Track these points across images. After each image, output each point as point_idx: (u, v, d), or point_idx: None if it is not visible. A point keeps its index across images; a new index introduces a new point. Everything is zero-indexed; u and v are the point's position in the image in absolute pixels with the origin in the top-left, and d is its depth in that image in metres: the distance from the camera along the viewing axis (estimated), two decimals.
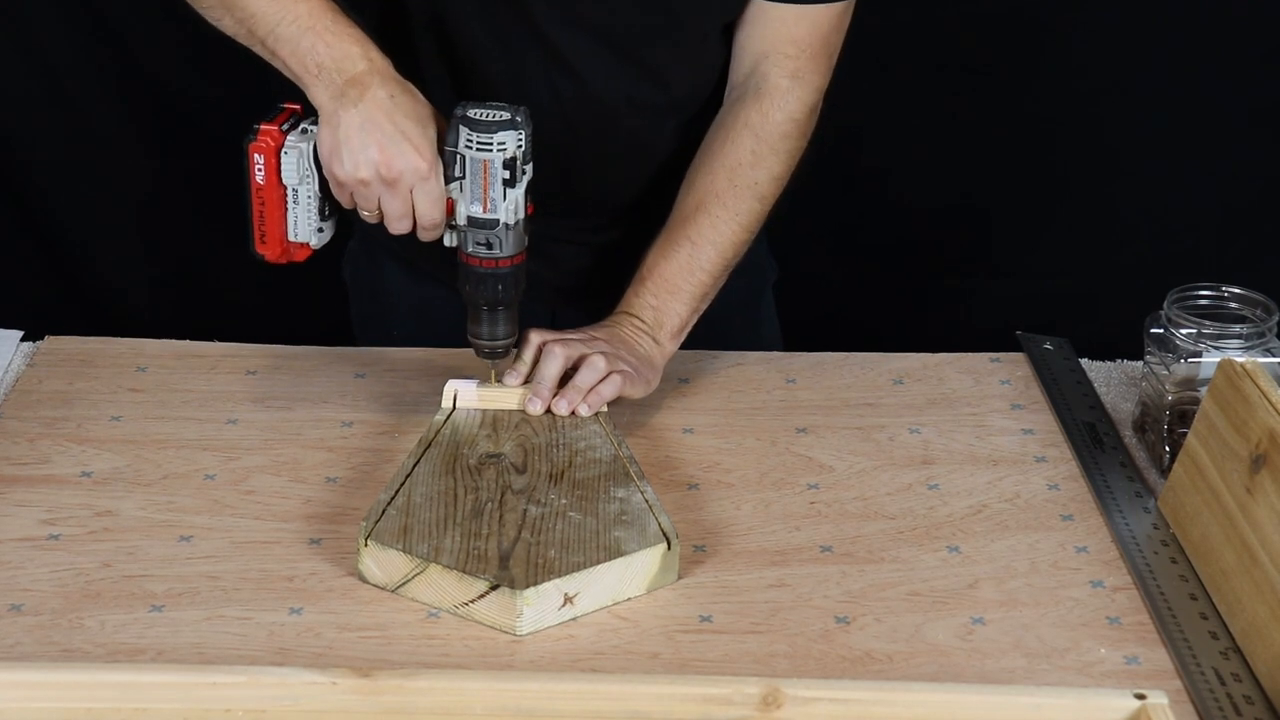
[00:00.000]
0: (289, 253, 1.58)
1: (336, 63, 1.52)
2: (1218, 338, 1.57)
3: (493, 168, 1.51)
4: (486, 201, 1.53)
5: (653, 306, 1.66)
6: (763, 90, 1.69)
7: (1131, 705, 1.17)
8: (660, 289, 1.66)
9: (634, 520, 1.43)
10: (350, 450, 1.61)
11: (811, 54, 1.68)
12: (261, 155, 1.54)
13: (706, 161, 1.69)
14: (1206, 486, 1.44)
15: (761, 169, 1.68)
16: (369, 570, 1.40)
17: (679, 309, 1.66)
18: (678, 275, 1.66)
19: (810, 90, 1.70)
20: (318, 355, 1.78)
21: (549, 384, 1.58)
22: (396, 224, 1.54)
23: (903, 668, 1.32)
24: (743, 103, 1.69)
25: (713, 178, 1.68)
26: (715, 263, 1.68)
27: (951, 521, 1.52)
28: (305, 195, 1.55)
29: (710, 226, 1.67)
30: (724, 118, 1.71)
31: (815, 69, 1.69)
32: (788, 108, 1.69)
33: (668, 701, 1.18)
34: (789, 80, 1.68)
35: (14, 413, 1.65)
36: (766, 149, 1.68)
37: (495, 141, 1.51)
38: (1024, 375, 1.78)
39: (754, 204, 1.69)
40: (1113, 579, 1.44)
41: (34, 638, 1.33)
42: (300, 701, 1.18)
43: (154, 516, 1.49)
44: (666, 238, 1.68)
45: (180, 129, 2.67)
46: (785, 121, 1.69)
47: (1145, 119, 2.66)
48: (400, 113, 1.51)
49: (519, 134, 1.51)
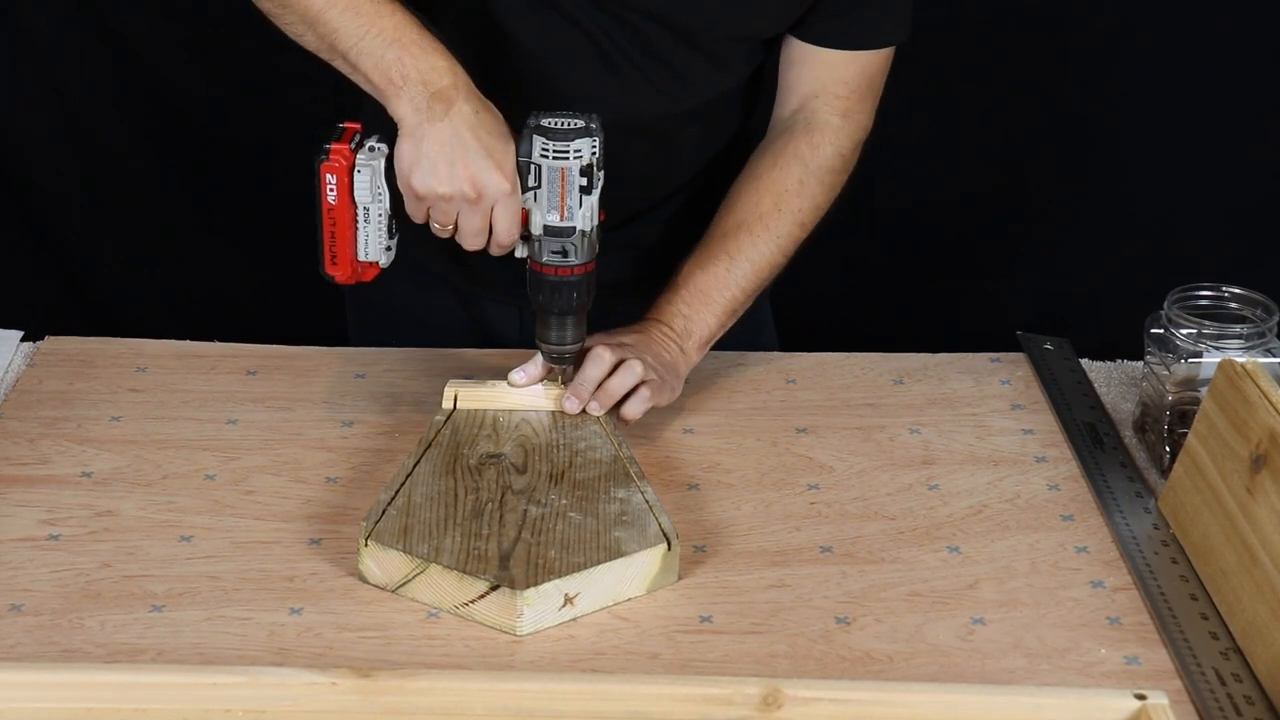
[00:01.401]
0: (358, 273, 1.57)
1: (422, 75, 1.50)
2: (1218, 338, 1.57)
3: (570, 175, 1.52)
4: (564, 210, 1.54)
5: (684, 315, 1.67)
6: (813, 125, 1.73)
7: (1132, 705, 1.17)
8: (694, 299, 1.68)
9: (634, 520, 1.43)
10: (350, 450, 1.61)
11: (860, 95, 1.73)
12: (334, 175, 1.53)
13: (752, 184, 1.72)
14: (1207, 486, 1.44)
15: (806, 198, 1.72)
16: (369, 570, 1.40)
17: (709, 320, 1.68)
18: (712, 287, 1.68)
19: (858, 128, 1.75)
20: (318, 355, 1.78)
21: (590, 386, 1.59)
22: (472, 239, 1.54)
23: (903, 668, 1.32)
24: (792, 134, 1.73)
25: (758, 199, 1.71)
26: (750, 280, 1.70)
27: (952, 522, 1.52)
28: (377, 214, 1.55)
29: (750, 245, 1.70)
30: (772, 145, 1.74)
31: (863, 109, 1.74)
32: (838, 143, 1.73)
33: (668, 702, 1.18)
34: (840, 119, 1.73)
35: (14, 413, 1.65)
36: (814, 180, 1.72)
37: (572, 149, 1.51)
38: (1024, 375, 1.78)
39: (795, 229, 1.72)
40: (1113, 579, 1.44)
41: (34, 638, 1.33)
42: (300, 702, 1.18)
43: (154, 516, 1.49)
44: (704, 250, 1.70)
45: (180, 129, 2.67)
46: (834, 156, 1.73)
47: (1145, 119, 2.66)
48: (484, 129, 1.51)
49: (593, 140, 1.52)
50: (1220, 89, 2.63)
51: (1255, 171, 2.69)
